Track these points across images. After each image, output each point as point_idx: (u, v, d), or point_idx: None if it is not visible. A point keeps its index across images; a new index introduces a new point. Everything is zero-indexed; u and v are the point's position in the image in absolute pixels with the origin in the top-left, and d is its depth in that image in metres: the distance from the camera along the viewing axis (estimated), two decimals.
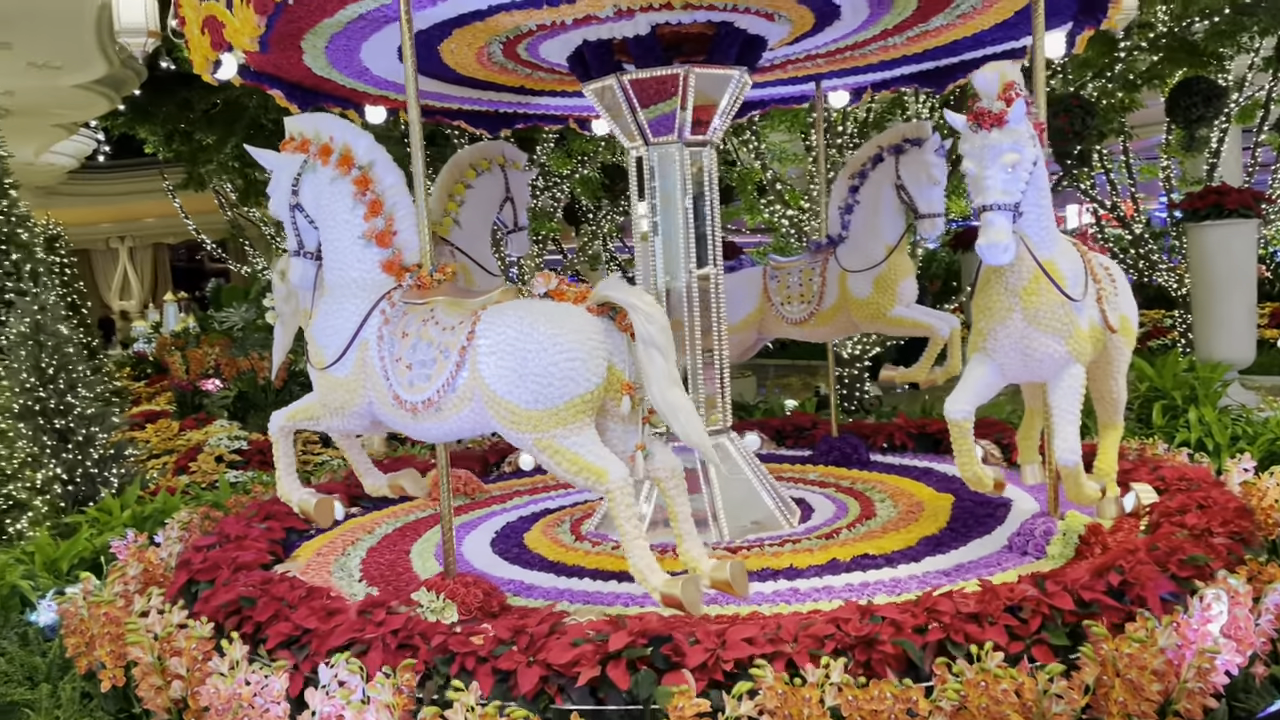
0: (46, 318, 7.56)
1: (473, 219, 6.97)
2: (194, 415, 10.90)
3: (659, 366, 3.94)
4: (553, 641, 3.52)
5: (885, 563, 4.80)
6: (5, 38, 11.29)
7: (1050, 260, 4.40)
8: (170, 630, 3.90)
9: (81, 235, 28.68)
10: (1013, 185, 4.17)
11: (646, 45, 5.32)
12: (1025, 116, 4.20)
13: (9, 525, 7.19)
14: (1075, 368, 4.52)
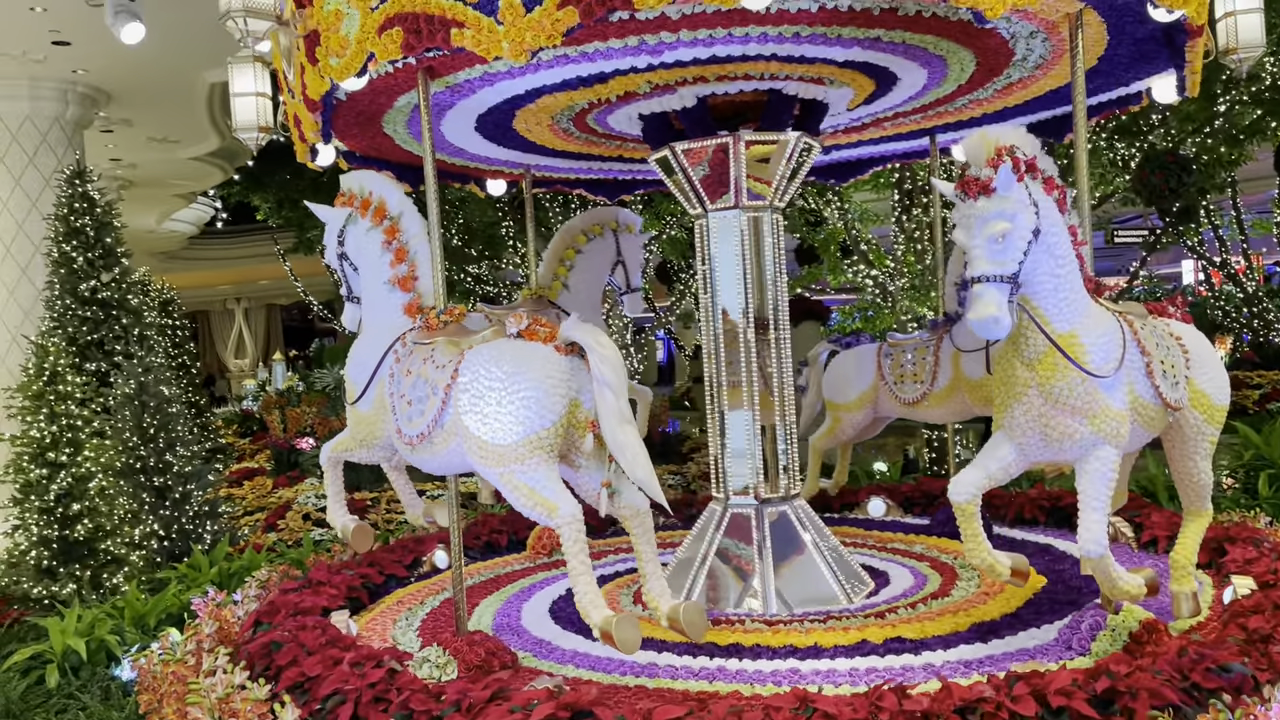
0: (151, 380, 7.88)
1: (582, 283, 7.10)
2: (288, 473, 11.19)
3: (609, 404, 4.02)
4: (491, 707, 3.58)
5: (917, 648, 4.54)
6: (127, 115, 11.94)
7: (1071, 333, 4.08)
8: (230, 690, 4.00)
9: (200, 297, 29.94)
10: (1004, 255, 3.87)
11: (695, 116, 5.40)
12: (1017, 184, 3.91)
13: (106, 580, 7.47)
14: (1104, 449, 4.14)
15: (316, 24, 4.46)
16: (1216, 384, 4.64)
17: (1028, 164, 3.97)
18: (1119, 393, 4.16)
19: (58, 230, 8.36)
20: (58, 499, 7.72)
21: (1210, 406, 4.60)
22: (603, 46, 4.57)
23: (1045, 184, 4.05)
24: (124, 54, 8.96)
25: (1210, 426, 4.65)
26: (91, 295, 8.30)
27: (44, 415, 7.92)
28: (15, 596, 7.47)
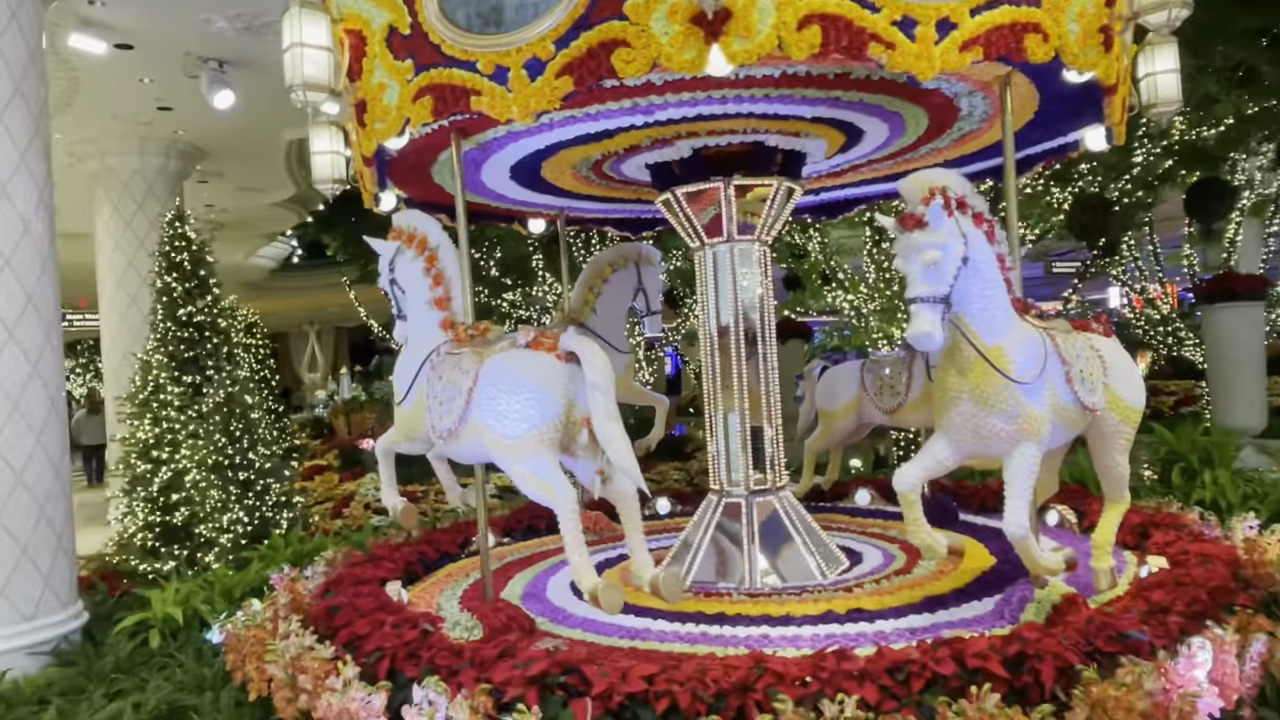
0: (237, 390, 7.91)
1: (608, 307, 7.12)
2: (351, 469, 11.22)
3: (599, 404, 4.08)
4: (499, 663, 3.62)
5: (873, 617, 4.49)
6: (219, 168, 12.02)
7: (997, 346, 4.05)
8: (300, 651, 4.00)
9: (280, 321, 29.97)
10: (936, 279, 3.86)
11: (691, 164, 5.42)
12: (947, 218, 3.90)
13: (200, 558, 7.50)
14: (1026, 446, 4.11)
15: (364, 94, 4.53)
16: (1131, 389, 4.61)
17: (958, 201, 3.97)
18: (1040, 397, 4.11)
19: (160, 265, 8.38)
20: (160, 490, 7.77)
21: (1126, 409, 4.57)
22: (602, 108, 4.64)
23: (974, 218, 4.04)
24: (217, 117, 9.04)
25: (1126, 426, 4.62)
26: (188, 319, 8.31)
27: (148, 420, 7.98)
28: (125, 572, 7.51)
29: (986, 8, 3.78)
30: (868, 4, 3.67)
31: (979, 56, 3.78)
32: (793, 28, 3.61)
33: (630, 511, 4.35)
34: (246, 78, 8.47)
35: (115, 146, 10.46)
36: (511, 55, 3.90)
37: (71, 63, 8.13)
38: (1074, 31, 3.92)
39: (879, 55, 3.69)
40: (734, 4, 3.57)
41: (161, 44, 7.89)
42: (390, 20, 4.28)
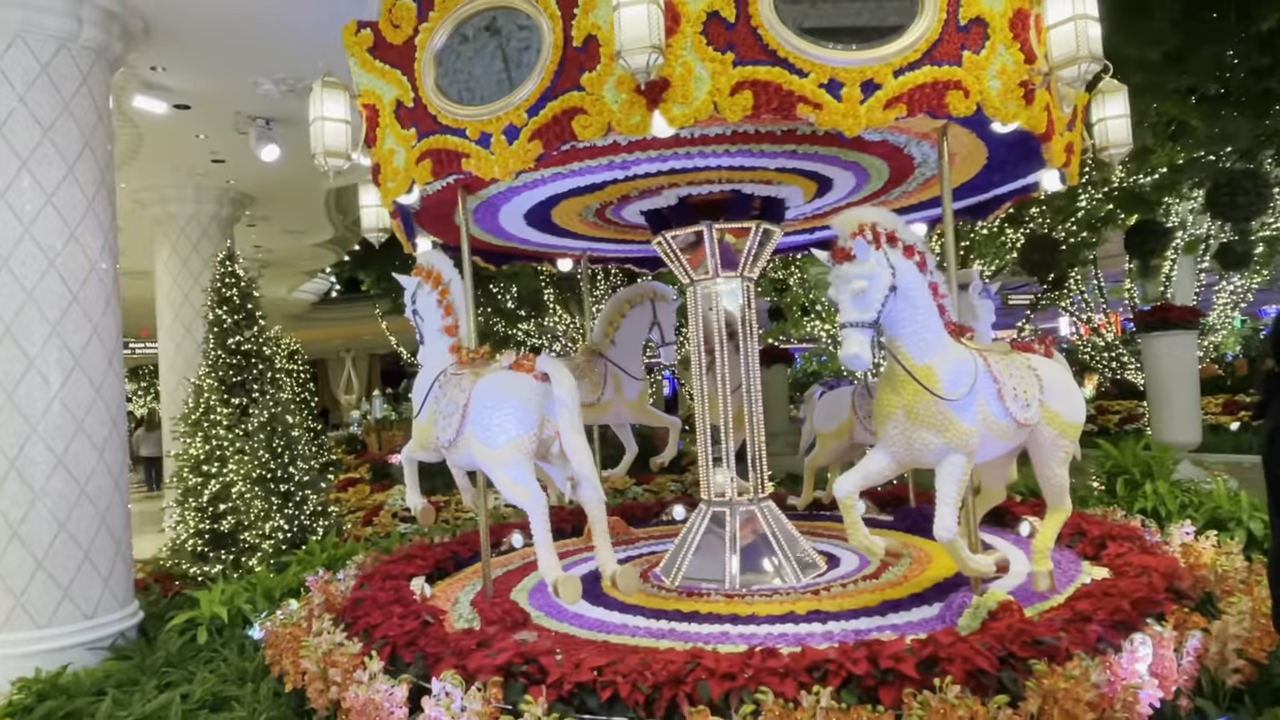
0: (279, 411, 7.90)
1: (626, 340, 7.08)
2: (381, 481, 11.17)
3: (566, 418, 4.27)
4: (476, 652, 3.72)
5: (828, 619, 4.38)
6: (266, 213, 12.07)
7: (927, 365, 3.96)
8: (331, 647, 3.97)
9: (319, 348, 30.02)
10: (863, 306, 3.81)
11: (678, 211, 5.43)
12: (875, 251, 3.85)
13: (244, 562, 7.46)
14: (955, 457, 4.00)
15: (378, 159, 4.71)
16: (1068, 406, 4.47)
17: (887, 236, 3.92)
18: (970, 412, 4.00)
19: (212, 299, 8.42)
20: (209, 501, 7.75)
21: (1062, 423, 4.44)
22: (583, 165, 4.69)
23: (905, 251, 3.97)
24: (264, 168, 9.10)
25: (1064, 439, 4.48)
26: (236, 347, 8.32)
27: (199, 438, 7.98)
28: (177, 574, 7.48)
29: (910, 68, 3.75)
30: (796, 69, 3.67)
31: (903, 113, 3.74)
32: (726, 93, 3.64)
33: (595, 514, 4.44)
34: (290, 133, 8.53)
35: (174, 194, 10.52)
36: (493, 123, 4.02)
37: (136, 121, 8.20)
38: (995, 87, 3.85)
39: (807, 115, 3.69)
40: (672, 74, 3.63)
41: (215, 105, 7.96)
42: (398, 95, 4.42)
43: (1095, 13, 3.65)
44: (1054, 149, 4.28)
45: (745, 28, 3.64)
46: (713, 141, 4.42)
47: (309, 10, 6.16)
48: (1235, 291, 13.69)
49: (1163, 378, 8.89)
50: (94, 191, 5.69)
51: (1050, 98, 4.05)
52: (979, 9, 3.81)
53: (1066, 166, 4.61)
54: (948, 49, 3.77)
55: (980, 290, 6.06)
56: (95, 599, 5.49)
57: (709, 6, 3.62)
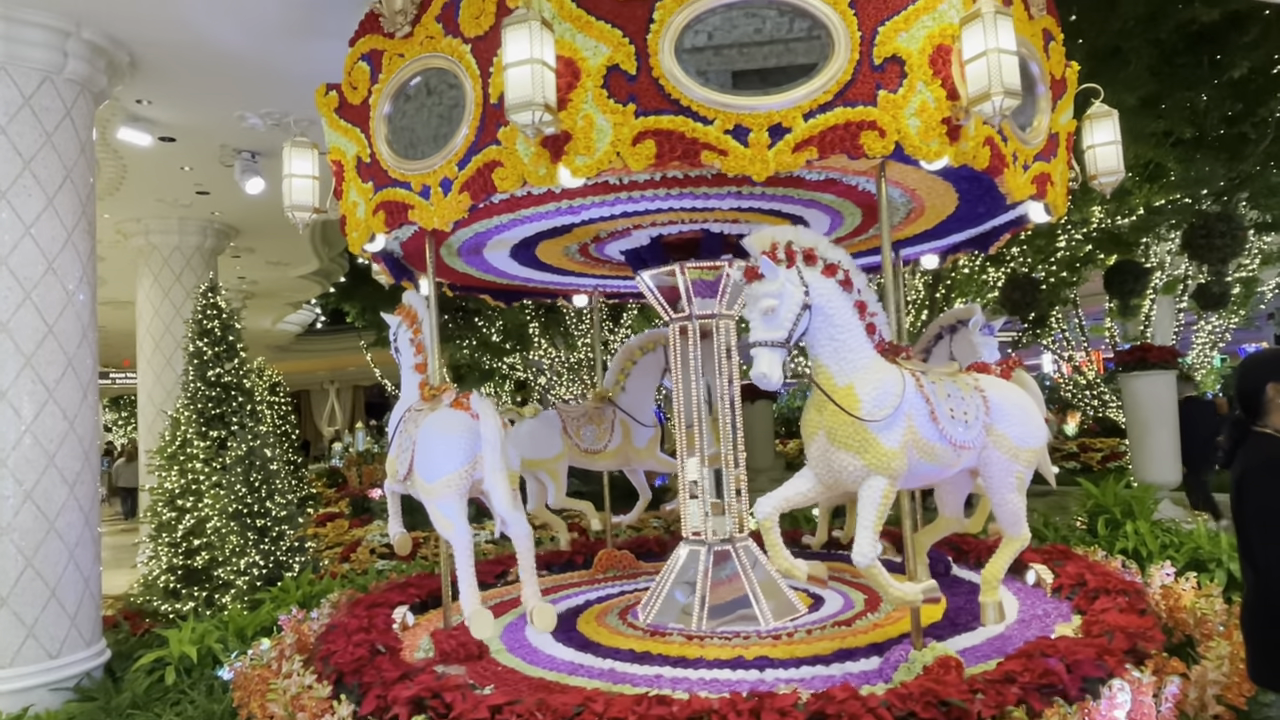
0: (258, 445, 7.82)
1: (637, 386, 7.02)
2: (360, 516, 11.03)
3: (489, 458, 4.38)
4: (397, 684, 3.83)
5: (767, 665, 4.29)
6: (250, 245, 12.05)
7: (848, 385, 3.81)
8: (300, 690, 3.89)
9: (303, 379, 29.89)
10: (773, 325, 3.70)
11: (651, 251, 5.46)
12: (786, 269, 3.76)
13: (217, 599, 7.32)
14: (876, 480, 3.82)
15: (345, 211, 4.91)
16: (1019, 429, 4.26)
17: (804, 254, 3.84)
18: (893, 434, 3.83)
19: (193, 331, 8.37)
20: (183, 536, 7.62)
21: (1012, 447, 4.24)
22: (531, 211, 4.78)
23: (826, 269, 3.88)
24: (249, 200, 9.09)
25: (1015, 464, 4.27)
26: (216, 380, 8.26)
27: (175, 471, 7.86)
28: (148, 612, 7.32)
29: (820, 110, 3.69)
30: (700, 117, 3.67)
31: (814, 155, 3.69)
32: (628, 143, 3.68)
33: (522, 550, 4.56)
34: (276, 166, 8.48)
35: (158, 225, 10.49)
36: (431, 176, 4.18)
37: (120, 152, 8.19)
38: (914, 125, 3.73)
39: (712, 161, 3.68)
40: (573, 127, 3.69)
41: (201, 137, 7.96)
42: (358, 151, 4.62)
43: (1011, 46, 3.53)
44: (1011, 182, 4.14)
45: (647, 79, 3.68)
46: (663, 185, 4.43)
47: (296, 46, 6.20)
48: (1214, 331, 13.85)
49: (1142, 417, 8.94)
50: (74, 223, 5.66)
51: (992, 131, 3.92)
52: (894, 47, 3.74)
53: (1043, 198, 4.48)
54: (862, 89, 3.72)
55: (982, 327, 6.02)
56: (60, 638, 5.37)
57: (609, 60, 3.68)
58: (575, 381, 16.37)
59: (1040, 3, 4.36)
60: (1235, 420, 2.83)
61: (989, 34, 3.53)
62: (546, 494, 6.93)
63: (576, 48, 3.70)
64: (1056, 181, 4.63)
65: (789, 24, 3.71)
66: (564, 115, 3.70)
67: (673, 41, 3.65)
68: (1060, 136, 4.70)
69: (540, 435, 6.81)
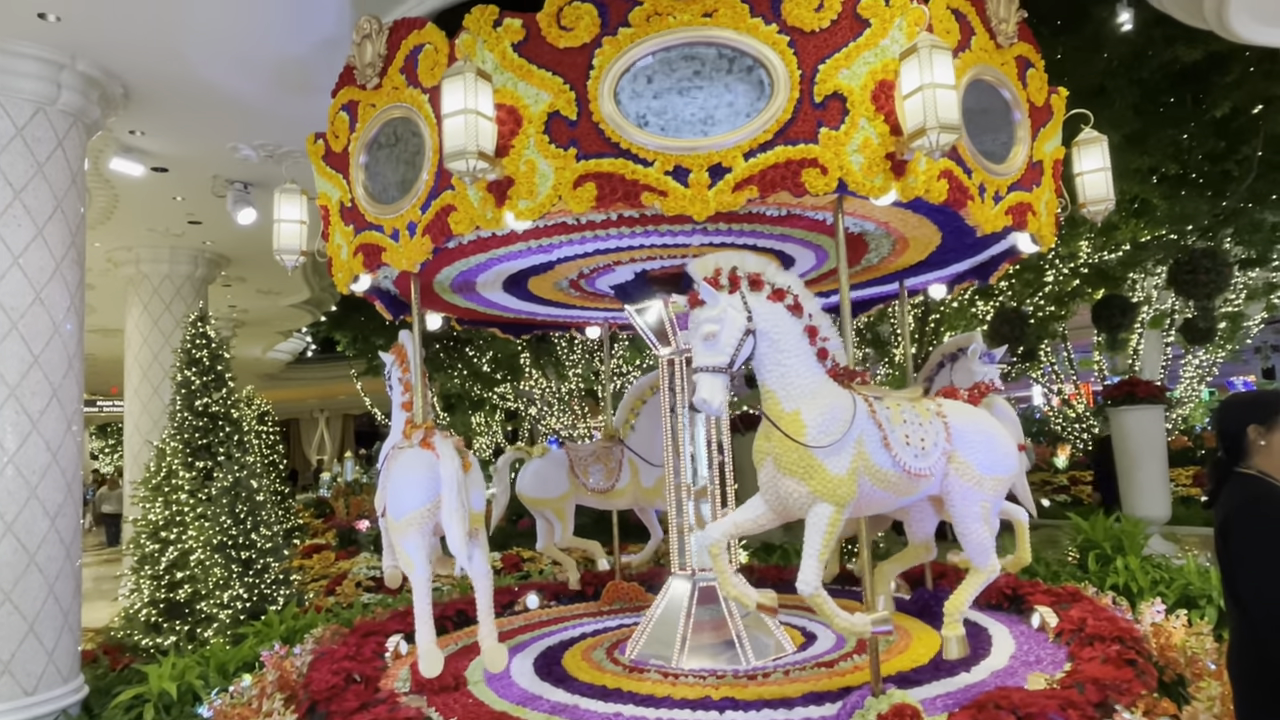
0: (244, 476, 7.75)
1: (647, 427, 6.92)
2: (347, 548, 10.91)
3: (446, 499, 4.45)
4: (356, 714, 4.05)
5: (729, 707, 4.23)
6: (241, 274, 12.04)
7: (795, 411, 3.73)
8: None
9: (293, 408, 29.77)
10: (714, 350, 3.63)
11: (635, 284, 5.49)
12: (728, 295, 3.71)
13: (199, 633, 7.22)
14: (822, 507, 3.71)
15: (330, 253, 5.05)
16: (983, 457, 4.09)
17: (750, 279, 3.79)
18: (840, 460, 3.72)
19: (182, 360, 8.34)
20: (166, 568, 7.54)
21: (975, 475, 4.07)
22: (502, 252, 4.88)
23: (774, 294, 3.82)
24: (240, 230, 9.11)
25: (979, 493, 4.09)
26: (204, 410, 8.21)
27: (160, 503, 7.80)
28: (128, 646, 7.22)
29: (761, 150, 3.69)
30: (640, 159, 3.70)
31: (754, 194, 3.69)
32: (569, 186, 3.75)
33: (480, 588, 4.70)
34: (267, 197, 8.53)
35: (149, 254, 10.48)
36: (399, 220, 4.32)
37: (112, 182, 8.21)
38: (857, 162, 3.71)
39: (652, 203, 3.71)
40: (516, 172, 3.79)
41: (193, 168, 7.99)
42: (341, 197, 4.78)
43: (949, 80, 3.50)
44: (978, 214, 4.07)
45: (587, 124, 3.76)
46: (630, 223, 4.46)
47: (289, 80, 6.25)
48: (1201, 365, 13.94)
49: (1131, 452, 8.96)
50: (63, 254, 5.66)
51: (950, 164, 3.85)
52: (836, 84, 3.72)
53: (1023, 228, 4.41)
54: (803, 127, 3.70)
55: (982, 354, 5.90)
56: (37, 674, 5.27)
57: (550, 107, 3.78)
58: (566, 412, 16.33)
59: (1011, 31, 4.31)
60: (1218, 462, 2.84)
61: (924, 69, 3.51)
62: (554, 533, 6.89)
63: (519, 96, 3.83)
64: (1040, 211, 4.56)
65: (728, 65, 3.73)
66: (507, 161, 3.81)
67: (612, 86, 3.73)
68: (1045, 164, 4.64)
69: (547, 474, 6.78)
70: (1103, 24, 7.24)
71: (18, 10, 5.17)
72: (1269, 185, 8.98)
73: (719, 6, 3.70)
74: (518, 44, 3.82)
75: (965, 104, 3.98)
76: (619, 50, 3.71)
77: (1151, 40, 7.39)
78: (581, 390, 15.76)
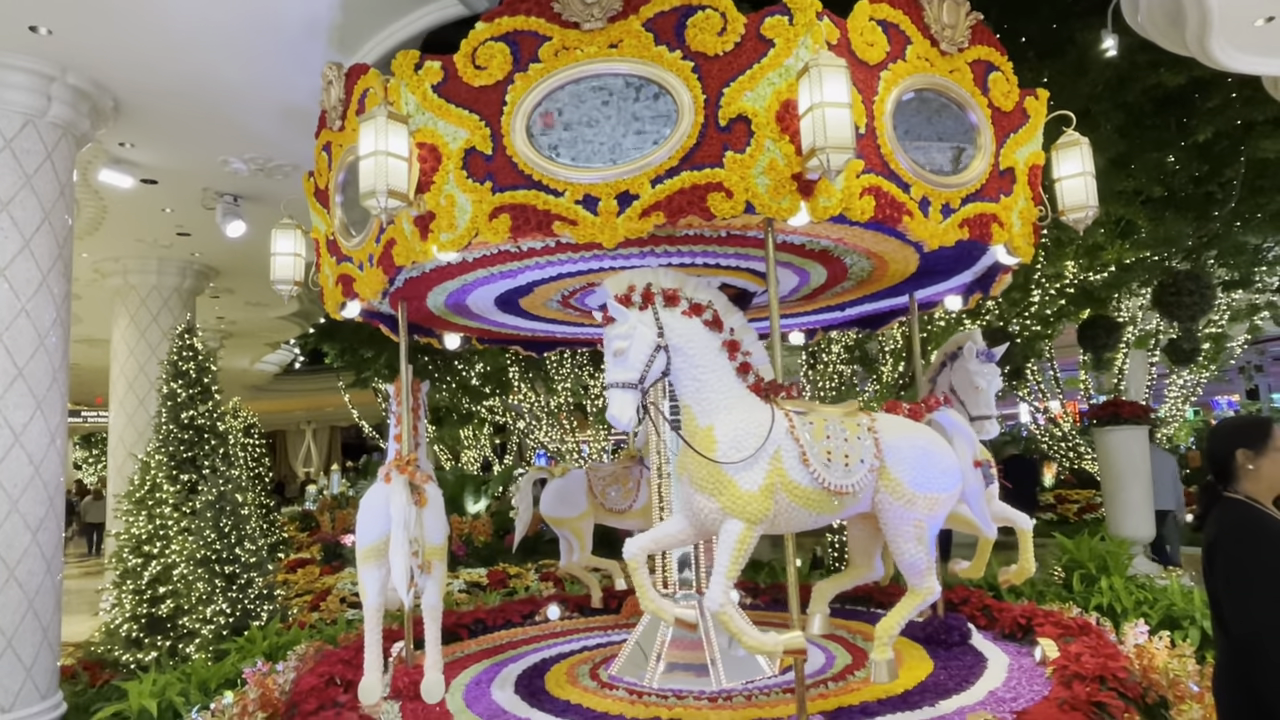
0: (229, 489, 7.70)
1: None
2: (332, 563, 10.83)
3: (393, 534, 4.49)
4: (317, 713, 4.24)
5: None
6: (230, 286, 12.02)
7: (709, 427, 3.72)
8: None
9: (279, 420, 29.59)
10: (624, 367, 3.63)
11: None
12: (638, 312, 3.72)
13: (181, 649, 7.15)
14: (732, 524, 3.66)
15: (321, 283, 5.27)
16: (914, 472, 3.96)
17: (666, 295, 3.79)
18: (751, 476, 3.67)
19: (168, 372, 8.30)
20: (149, 583, 7.47)
21: (906, 493, 3.95)
22: (471, 278, 5.02)
23: (691, 309, 3.82)
24: (229, 242, 9.09)
25: (911, 511, 3.97)
26: (190, 422, 8.17)
27: (143, 516, 7.73)
28: (108, 661, 7.14)
29: (667, 176, 3.71)
30: (551, 190, 3.80)
31: (661, 220, 3.72)
32: (485, 219, 3.88)
33: (429, 619, 4.83)
34: (257, 210, 8.57)
35: (136, 265, 10.45)
36: (361, 252, 4.58)
37: (101, 193, 8.20)
38: (763, 184, 3.68)
39: (563, 231, 3.78)
40: (437, 206, 3.97)
41: (183, 180, 7.99)
42: (326, 231, 5.05)
43: (841, 99, 3.44)
44: (919, 230, 3.98)
45: (502, 158, 3.88)
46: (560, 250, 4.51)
47: (279, 94, 6.27)
48: (1185, 385, 14.06)
49: (1116, 472, 9.01)
50: (49, 265, 5.64)
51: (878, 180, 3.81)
52: (740, 107, 3.70)
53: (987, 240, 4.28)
54: (708, 152, 3.71)
55: (979, 353, 5.69)
56: (15, 691, 5.21)
57: (468, 143, 3.93)
58: (554, 426, 16.30)
59: (962, 37, 4.21)
60: (1206, 485, 2.87)
61: (814, 88, 3.46)
62: (574, 551, 6.88)
63: (438, 134, 3.99)
64: (1011, 221, 4.40)
65: (635, 93, 3.78)
66: (429, 196, 3.98)
67: (524, 121, 3.85)
68: (1018, 172, 4.48)
69: (566, 494, 6.75)
70: (1087, 50, 7.33)
71: (9, 23, 5.17)
72: (1251, 208, 9.09)
73: (624, 37, 3.77)
74: (437, 85, 4.00)
75: (904, 117, 4.00)
76: (529, 85, 3.84)
77: (1136, 65, 7.49)
78: (570, 405, 15.75)
